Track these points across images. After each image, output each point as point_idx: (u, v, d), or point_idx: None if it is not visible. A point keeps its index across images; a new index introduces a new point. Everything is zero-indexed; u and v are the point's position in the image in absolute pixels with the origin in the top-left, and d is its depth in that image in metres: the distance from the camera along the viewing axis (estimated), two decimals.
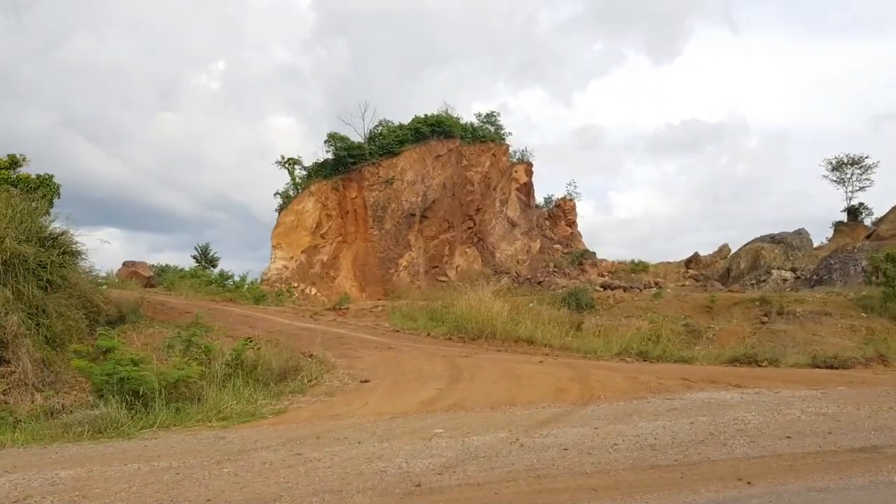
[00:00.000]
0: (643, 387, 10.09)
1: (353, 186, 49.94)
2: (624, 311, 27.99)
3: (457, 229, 54.67)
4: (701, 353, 15.50)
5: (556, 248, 60.16)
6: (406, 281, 50.79)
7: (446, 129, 53.00)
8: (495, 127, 59.07)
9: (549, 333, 17.58)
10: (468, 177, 55.54)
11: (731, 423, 6.87)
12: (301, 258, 48.18)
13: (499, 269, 56.18)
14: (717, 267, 52.62)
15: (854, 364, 13.59)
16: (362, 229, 50.13)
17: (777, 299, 25.85)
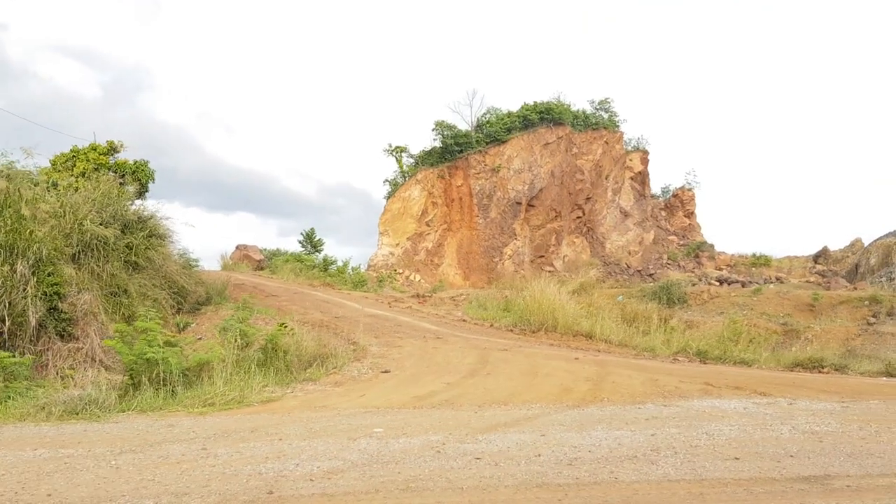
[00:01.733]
0: (657, 390, 9.42)
1: (459, 174, 50.10)
2: (718, 307, 26.53)
3: (564, 219, 53.63)
4: (764, 355, 14.27)
5: (671, 239, 57.73)
6: (510, 270, 50.47)
7: (556, 117, 51.97)
8: (609, 114, 57.29)
9: (608, 329, 16.82)
10: (578, 165, 54.25)
11: (693, 438, 6.24)
12: (406, 245, 49.00)
13: (608, 261, 54.75)
14: (848, 263, 48.61)
15: None
16: (467, 217, 50.24)
17: (889, 299, 23.49)
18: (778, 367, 13.18)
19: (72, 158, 22.19)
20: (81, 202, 17.06)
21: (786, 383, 10.12)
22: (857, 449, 5.79)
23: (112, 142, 21.83)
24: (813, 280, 46.38)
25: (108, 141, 21.77)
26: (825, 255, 53.33)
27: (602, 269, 53.31)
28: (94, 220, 16.66)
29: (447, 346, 14.38)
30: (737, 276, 50.22)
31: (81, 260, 15.84)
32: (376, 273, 44.57)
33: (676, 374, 10.78)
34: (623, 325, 19.94)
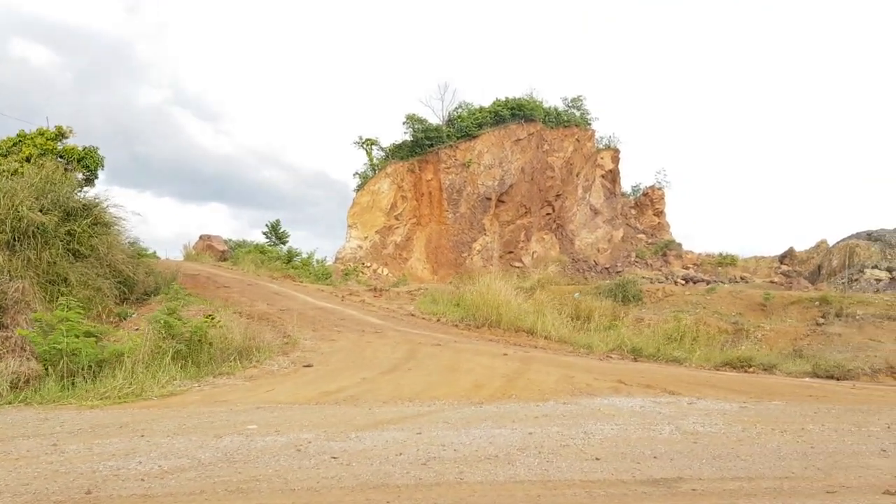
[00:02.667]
0: (568, 388, 9.36)
1: (430, 168, 49.92)
2: (673, 305, 26.59)
3: (534, 215, 53.64)
4: (695, 354, 14.28)
5: (640, 237, 57.95)
6: (479, 265, 50.39)
7: (527, 113, 51.91)
8: (581, 111, 57.30)
9: (550, 325, 16.76)
10: (549, 162, 54.26)
11: (568, 437, 6.14)
12: (375, 238, 48.76)
13: (577, 258, 54.86)
14: (812, 263, 49.08)
15: (859, 375, 12.11)
16: (437, 212, 50.09)
17: (838, 300, 23.67)
18: (706, 366, 13.20)
19: (18, 143, 21.72)
20: (18, 188, 16.68)
21: (701, 382, 10.10)
22: (727, 451, 5.72)
23: (61, 127, 21.39)
24: (777, 280, 46.78)
25: (56, 126, 21.33)
26: (791, 256, 53.78)
27: (571, 265, 53.46)
28: (32, 207, 16.29)
29: (381, 341, 14.24)
30: (702, 275, 50.53)
31: (16, 247, 15.50)
32: (344, 266, 44.34)
33: (595, 372, 10.72)
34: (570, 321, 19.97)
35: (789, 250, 54.53)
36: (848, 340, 21.61)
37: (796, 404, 8.33)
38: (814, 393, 9.44)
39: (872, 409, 8.01)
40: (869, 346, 21.23)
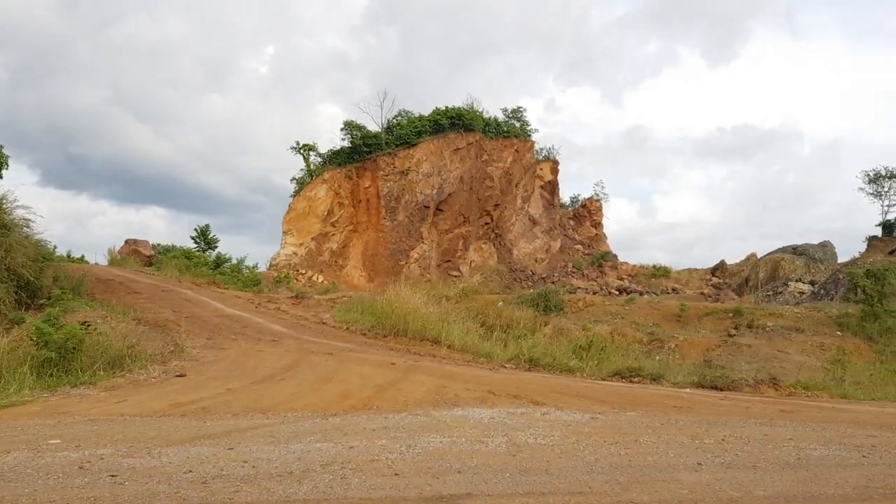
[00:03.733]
0: (434, 398, 9.14)
1: (368, 176, 49.57)
2: (592, 315, 26.80)
3: (473, 224, 53.73)
4: (589, 364, 14.26)
5: (577, 248, 58.56)
6: (416, 274, 50.15)
7: (466, 122, 52.03)
8: (521, 123, 57.74)
9: (454, 334, 16.58)
10: (488, 172, 54.46)
11: (387, 451, 5.89)
12: (311, 245, 48.14)
13: (514, 267, 55.10)
14: (742, 276, 50.29)
15: (742, 386, 12.20)
16: (374, 219, 49.74)
17: (749, 312, 24.14)
18: (596, 377, 13.16)
19: None
20: None
21: (574, 392, 10.00)
22: (540, 465, 5.55)
23: None
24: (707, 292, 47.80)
25: None
26: (722, 269, 55.00)
27: (508, 275, 53.66)
28: None
29: (273, 350, 13.85)
30: (636, 286, 51.31)
31: None
32: (277, 273, 43.59)
33: (473, 382, 10.54)
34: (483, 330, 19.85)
35: (721, 263, 55.74)
36: (757, 352, 22.03)
37: (653, 415, 8.26)
38: (680, 404, 9.42)
39: (723, 420, 7.99)
40: (776, 358, 21.67)
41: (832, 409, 9.53)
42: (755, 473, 5.49)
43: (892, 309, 21.93)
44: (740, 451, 6.28)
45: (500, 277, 52.76)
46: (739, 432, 7.21)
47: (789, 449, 6.42)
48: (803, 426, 7.73)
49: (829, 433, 7.31)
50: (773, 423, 7.87)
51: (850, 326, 22.12)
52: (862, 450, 6.47)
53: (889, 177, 44.81)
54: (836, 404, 10.58)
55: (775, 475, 5.45)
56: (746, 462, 5.86)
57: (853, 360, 20.89)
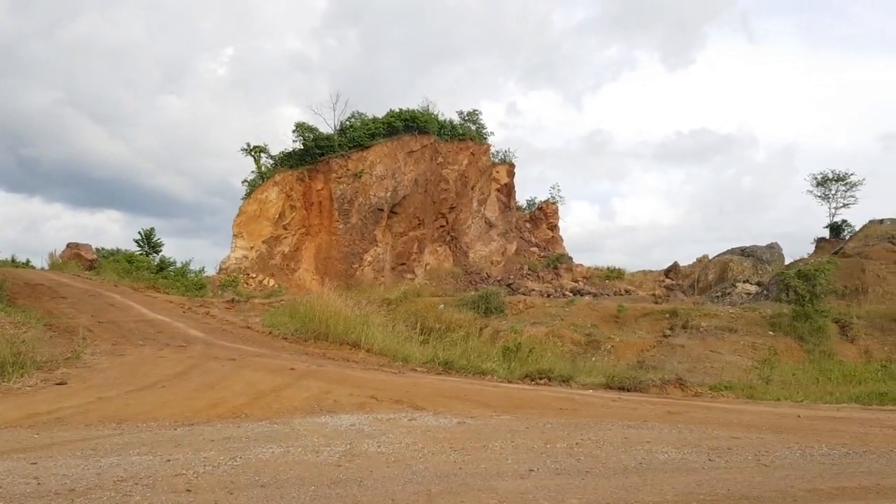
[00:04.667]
0: (314, 405, 8.78)
1: (320, 178, 49.01)
2: (532, 316, 26.68)
3: (428, 227, 53.40)
4: (501, 367, 14.01)
5: (533, 250, 58.57)
6: (370, 277, 49.70)
7: (421, 125, 51.72)
8: (477, 126, 57.58)
9: (374, 337, 16.23)
10: (443, 174, 54.20)
11: (203, 464, 5.52)
12: (262, 248, 47.41)
13: (470, 270, 54.92)
14: (693, 277, 50.69)
15: (649, 387, 12.04)
16: (327, 222, 49.17)
17: (685, 313, 24.18)
18: (505, 379, 12.92)
19: None
20: None
21: (463, 396, 9.70)
22: (361, 475, 5.23)
23: None
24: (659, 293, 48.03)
25: None
26: (675, 270, 55.40)
27: (464, 277, 53.44)
28: None
29: (174, 356, 13.36)
30: (590, 288, 51.45)
31: None
32: (227, 276, 42.86)
33: (363, 386, 10.20)
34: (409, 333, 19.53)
35: (674, 265, 56.14)
36: (690, 352, 22.05)
37: (528, 419, 7.99)
38: (568, 406, 9.18)
39: (595, 423, 7.75)
40: (708, 358, 21.71)
41: (723, 410, 9.36)
42: (583, 480, 5.24)
43: (822, 309, 22.12)
44: (585, 455, 6.03)
45: (455, 280, 52.55)
46: (601, 435, 6.97)
47: (639, 453, 6.18)
48: (674, 428, 7.52)
49: (694, 435, 7.11)
50: (644, 426, 7.65)
51: (782, 326, 22.26)
52: (715, 452, 6.26)
53: (836, 180, 45.61)
54: (733, 405, 10.44)
55: (602, 481, 5.20)
56: (582, 468, 5.60)
57: (784, 360, 21.03)
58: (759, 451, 6.30)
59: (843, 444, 6.77)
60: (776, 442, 6.83)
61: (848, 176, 45.07)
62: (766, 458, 6.06)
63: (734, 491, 4.99)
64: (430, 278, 52.54)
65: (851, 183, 45.20)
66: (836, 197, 46.17)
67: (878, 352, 20.57)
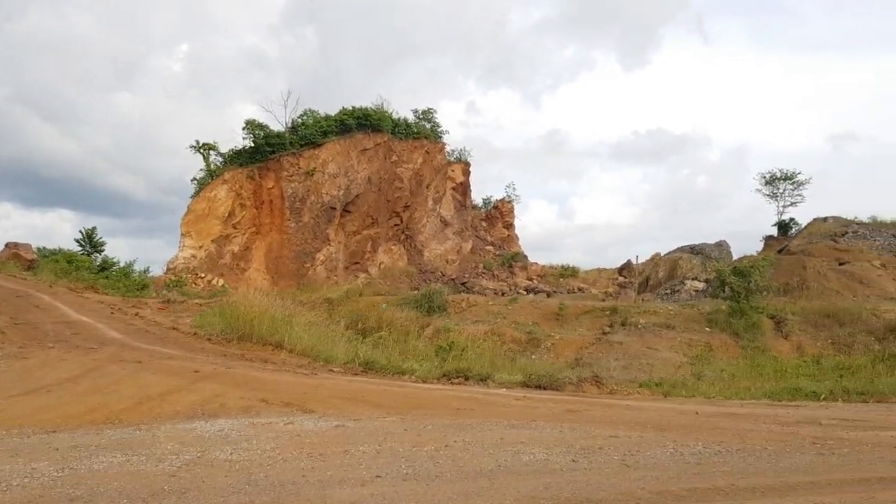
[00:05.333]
0: (197, 409, 8.38)
1: (271, 176, 48.25)
2: (475, 315, 26.46)
3: (382, 226, 52.96)
4: (421, 366, 13.73)
5: (488, 249, 58.49)
6: (323, 276, 49.11)
7: (374, 123, 51.23)
8: (432, 124, 57.26)
9: (297, 338, 15.83)
10: (397, 173, 53.80)
11: (28, 476, 5.16)
12: (211, 248, 46.49)
13: (425, 269, 54.62)
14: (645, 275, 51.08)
15: (565, 385, 11.86)
16: (278, 221, 48.44)
17: (625, 310, 24.19)
18: (432, 377, 12.67)
19: None
20: None
21: (361, 398, 9.37)
22: (191, 485, 4.88)
23: None
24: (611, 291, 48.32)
25: None
26: (629, 268, 55.71)
27: (418, 276, 53.12)
28: None
29: (80, 358, 12.80)
30: (544, 286, 51.51)
31: None
32: (175, 276, 41.94)
33: (260, 389, 9.81)
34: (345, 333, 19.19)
35: (627, 263, 56.51)
36: (627, 349, 22.03)
37: (416, 420, 7.71)
38: (467, 406, 8.93)
39: (480, 424, 7.48)
40: (644, 354, 21.72)
41: (624, 408, 9.20)
42: (427, 485, 4.96)
43: (756, 305, 22.29)
44: (447, 458, 5.76)
45: (409, 279, 52.21)
46: (478, 436, 6.72)
47: (505, 454, 5.94)
48: (557, 428, 7.30)
49: (573, 434, 6.89)
50: (529, 425, 7.41)
51: (718, 323, 22.36)
52: (584, 453, 6.04)
53: (784, 179, 46.37)
54: (640, 402, 10.30)
55: (447, 486, 4.93)
56: (435, 472, 5.33)
57: (719, 356, 21.16)
58: (630, 451, 6.11)
59: (720, 442, 6.61)
60: (654, 441, 6.65)
61: (795, 175, 45.86)
62: (632, 458, 5.86)
63: (579, 494, 4.76)
64: (384, 277, 52.15)
65: (799, 182, 46.00)
66: (783, 196, 46.94)
67: (811, 347, 20.75)
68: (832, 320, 21.77)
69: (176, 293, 35.31)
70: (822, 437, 6.82)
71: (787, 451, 6.20)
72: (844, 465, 5.66)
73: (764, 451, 6.19)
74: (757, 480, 5.14)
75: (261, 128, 48.64)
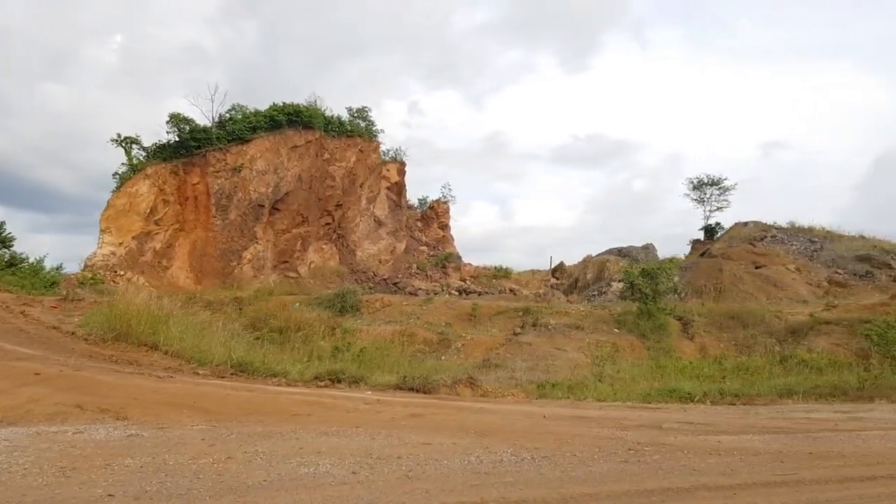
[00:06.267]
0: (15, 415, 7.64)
1: (196, 172, 46.83)
2: (388, 315, 25.93)
3: (312, 224, 51.96)
4: (294, 368, 13.13)
5: (422, 249, 58.04)
6: (250, 275, 47.89)
7: (305, 120, 50.20)
8: (366, 123, 56.45)
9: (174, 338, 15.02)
10: (329, 171, 52.88)
11: None
12: (131, 245, 44.81)
13: (357, 268, 53.86)
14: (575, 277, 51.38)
15: (439, 387, 11.41)
16: (203, 218, 47.03)
17: (537, 310, 24.00)
18: (303, 380, 12.06)
19: None
20: None
21: (190, 404, 8.65)
22: None
23: None
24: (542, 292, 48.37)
25: None
26: (561, 270, 55.98)
27: (349, 276, 52.30)
28: None
29: None
30: (475, 287, 51.31)
31: None
32: (93, 274, 40.26)
33: (92, 394, 8.99)
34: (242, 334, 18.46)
35: (560, 264, 56.72)
36: (535, 349, 21.80)
37: (233, 428, 7.07)
38: (304, 411, 8.35)
39: (291, 432, 6.91)
40: (551, 355, 21.51)
41: (476, 411, 8.76)
42: None
43: (663, 307, 22.32)
44: (214, 473, 5.17)
45: (340, 279, 51.37)
46: (277, 446, 6.14)
47: (287, 466, 5.38)
48: (369, 436, 6.77)
49: (386, 442, 6.39)
50: (345, 433, 6.87)
51: (626, 324, 22.31)
52: (375, 463, 5.53)
53: (711, 184, 47.17)
54: (501, 405, 9.89)
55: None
56: (187, 488, 4.74)
57: (625, 357, 21.08)
58: (425, 461, 5.63)
59: (535, 448, 6.19)
60: (467, 447, 6.19)
61: (722, 180, 46.70)
62: (420, 469, 5.38)
63: None
64: (314, 276, 51.29)
65: (725, 187, 46.81)
66: (710, 200, 47.70)
67: (714, 348, 20.84)
68: (737, 322, 21.94)
69: (90, 291, 33.86)
70: (646, 443, 6.48)
71: (595, 458, 5.80)
72: (640, 473, 5.28)
73: (573, 459, 5.79)
74: (534, 493, 4.71)
75: (186, 122, 47.19)
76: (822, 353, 18.19)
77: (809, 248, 34.90)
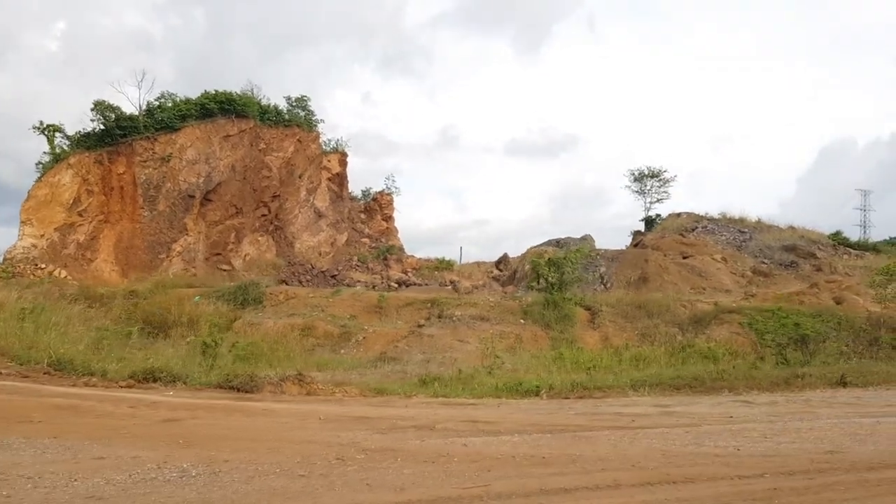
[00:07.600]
0: None
1: (122, 161, 45.01)
2: (292, 308, 24.83)
3: (247, 216, 50.40)
4: (115, 366, 11.96)
5: (364, 241, 56.86)
6: (180, 268, 46.30)
7: (238, 108, 48.59)
8: (306, 112, 54.89)
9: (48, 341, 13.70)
10: (265, 161, 51.34)
11: None
12: (54, 237, 42.92)
13: (294, 261, 52.46)
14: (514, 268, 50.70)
15: (264, 385, 10.37)
16: (129, 209, 45.24)
17: (443, 302, 23.09)
18: (122, 377, 10.91)
19: None
20: None
21: None
22: None
23: None
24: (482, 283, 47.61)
25: None
26: (505, 262, 55.27)
27: (286, 269, 50.92)
28: None
29: None
30: (416, 279, 50.34)
31: None
32: (10, 267, 38.43)
33: None
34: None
35: (503, 256, 56.06)
36: (437, 342, 20.98)
37: None
38: (48, 416, 7.28)
39: None
40: (452, 348, 20.71)
41: (247, 414, 7.74)
42: None
43: (568, 297, 21.58)
44: None
45: (277, 271, 49.98)
46: None
47: None
48: (77, 447, 5.74)
49: (72, 455, 5.35)
50: (38, 445, 5.82)
51: (532, 314, 21.52)
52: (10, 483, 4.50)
53: (651, 176, 46.83)
54: (307, 405, 8.90)
55: None
56: None
57: (528, 347, 20.32)
58: (65, 482, 4.60)
59: (233, 459, 5.19)
60: (145, 460, 5.18)
61: (661, 172, 46.39)
62: (46, 492, 4.34)
63: None
64: (249, 269, 49.80)
65: (665, 179, 46.51)
66: (650, 192, 47.35)
67: (617, 338, 20.15)
68: (642, 311, 21.28)
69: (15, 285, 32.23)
70: (374, 450, 5.53)
71: (285, 470, 4.82)
72: (304, 490, 4.30)
73: (255, 472, 4.79)
74: None
75: (112, 109, 45.28)
76: (720, 343, 17.59)
77: (739, 239, 34.60)
